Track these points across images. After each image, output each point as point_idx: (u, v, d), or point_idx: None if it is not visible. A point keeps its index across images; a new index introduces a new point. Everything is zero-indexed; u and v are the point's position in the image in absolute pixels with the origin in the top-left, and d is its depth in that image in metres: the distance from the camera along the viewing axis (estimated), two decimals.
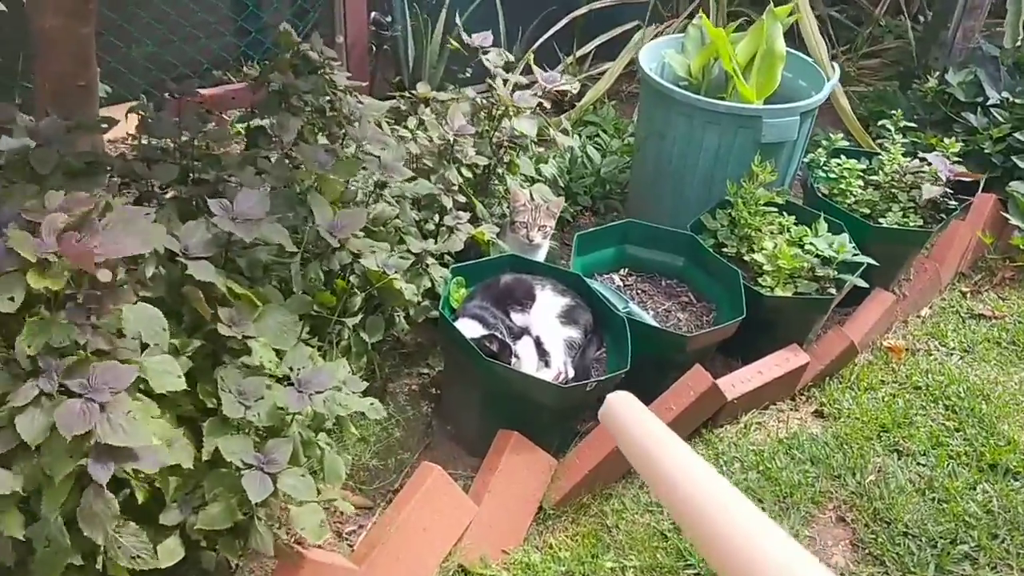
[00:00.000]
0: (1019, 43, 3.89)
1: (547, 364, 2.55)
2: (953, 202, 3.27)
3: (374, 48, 4.02)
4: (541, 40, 4.25)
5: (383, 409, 2.23)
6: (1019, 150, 3.81)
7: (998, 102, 3.95)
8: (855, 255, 2.94)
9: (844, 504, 2.59)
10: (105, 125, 2.38)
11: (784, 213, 3.14)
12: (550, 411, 2.48)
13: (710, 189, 3.27)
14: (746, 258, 3.04)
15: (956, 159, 3.37)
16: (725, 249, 3.09)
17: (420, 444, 2.66)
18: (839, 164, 3.34)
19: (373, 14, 3.97)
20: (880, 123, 3.63)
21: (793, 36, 3.57)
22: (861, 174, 3.33)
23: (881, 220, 3.23)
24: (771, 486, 2.62)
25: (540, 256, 2.94)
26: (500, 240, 2.89)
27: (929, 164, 3.27)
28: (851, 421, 2.88)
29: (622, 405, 1.14)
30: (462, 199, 2.85)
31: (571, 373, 2.56)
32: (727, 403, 2.75)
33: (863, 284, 2.94)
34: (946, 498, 2.60)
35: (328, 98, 2.87)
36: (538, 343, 2.59)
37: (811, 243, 3.01)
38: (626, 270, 3.14)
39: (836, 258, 2.91)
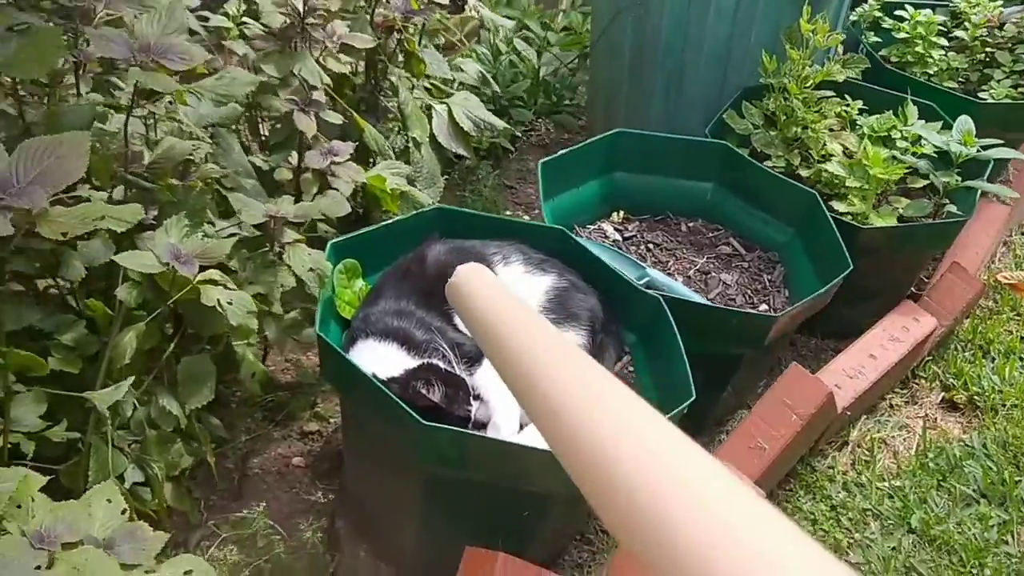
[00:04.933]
0: None
1: None
2: None
3: None
4: None
5: None
6: None
7: None
8: (982, 148, 1.82)
9: None
10: None
11: (846, 96, 2.00)
12: (553, 500, 1.28)
13: (725, 74, 2.10)
14: (802, 172, 1.90)
15: None
16: (768, 162, 1.93)
17: None
18: (908, 19, 2.20)
19: None
20: None
21: None
22: (942, 30, 2.20)
23: (982, 94, 2.13)
24: (944, 558, 1.50)
25: None
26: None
27: None
28: (1009, 413, 1.80)
29: (473, 280, 0.87)
30: (336, 118, 1.57)
31: None
32: (835, 416, 1.62)
33: (1010, 193, 1.83)
34: None
35: None
36: None
37: (905, 135, 1.88)
38: (621, 213, 1.93)
39: (962, 154, 1.78)
